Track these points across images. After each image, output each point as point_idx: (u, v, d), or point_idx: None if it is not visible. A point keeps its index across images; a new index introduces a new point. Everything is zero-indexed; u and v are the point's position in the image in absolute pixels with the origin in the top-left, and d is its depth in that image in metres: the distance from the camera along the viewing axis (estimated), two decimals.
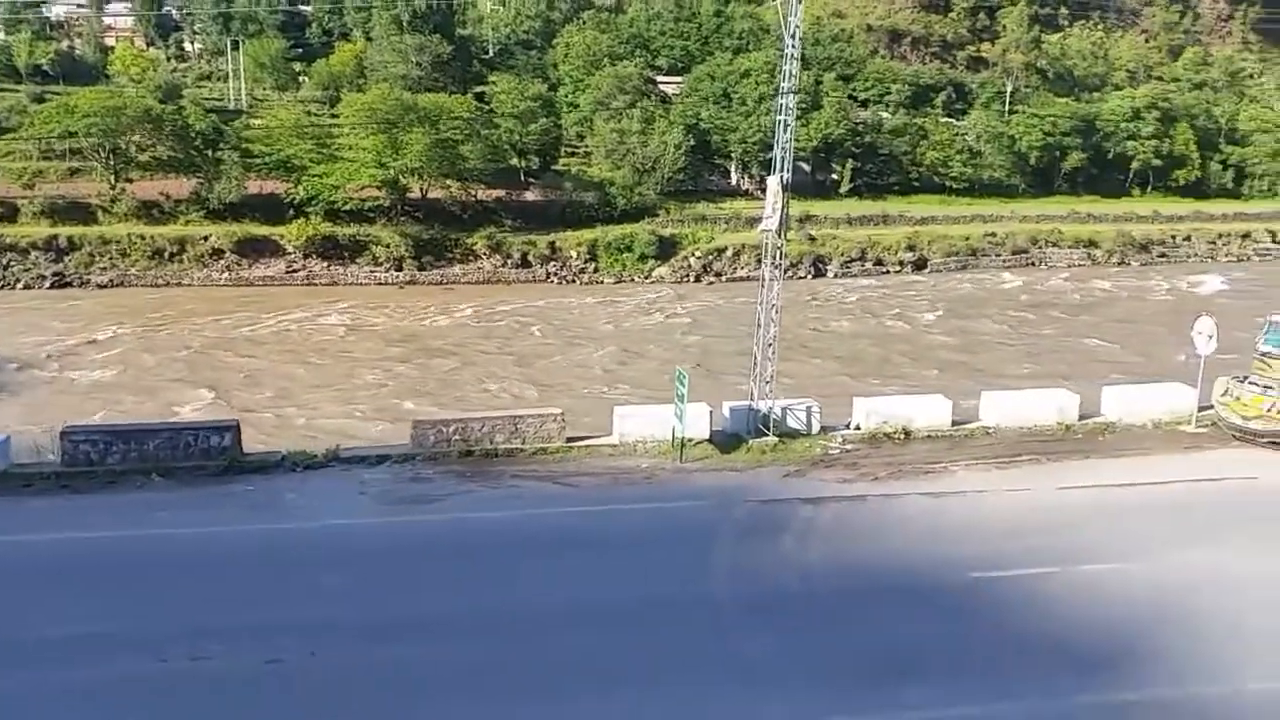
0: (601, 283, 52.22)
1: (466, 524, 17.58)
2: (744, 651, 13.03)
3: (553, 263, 53.34)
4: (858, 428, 22.09)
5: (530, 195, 57.88)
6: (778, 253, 21.98)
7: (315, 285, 48.60)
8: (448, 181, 53.70)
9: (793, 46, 20.82)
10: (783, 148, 21.10)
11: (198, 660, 12.58)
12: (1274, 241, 61.86)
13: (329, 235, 50.21)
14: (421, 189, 53.64)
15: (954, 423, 22.56)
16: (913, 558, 15.88)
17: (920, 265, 55.42)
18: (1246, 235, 62.03)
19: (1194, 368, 23.26)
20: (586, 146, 64.18)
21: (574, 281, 52.44)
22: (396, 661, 12.70)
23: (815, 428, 21.89)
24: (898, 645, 13.18)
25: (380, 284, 49.87)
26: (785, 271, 21.76)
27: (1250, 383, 21.54)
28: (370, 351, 36.62)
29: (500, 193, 56.43)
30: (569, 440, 21.55)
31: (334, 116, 56.50)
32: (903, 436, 21.77)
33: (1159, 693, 11.90)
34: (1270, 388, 21.01)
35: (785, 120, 21.07)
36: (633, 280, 52.57)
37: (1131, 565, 15.49)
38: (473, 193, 54.92)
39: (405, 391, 31.44)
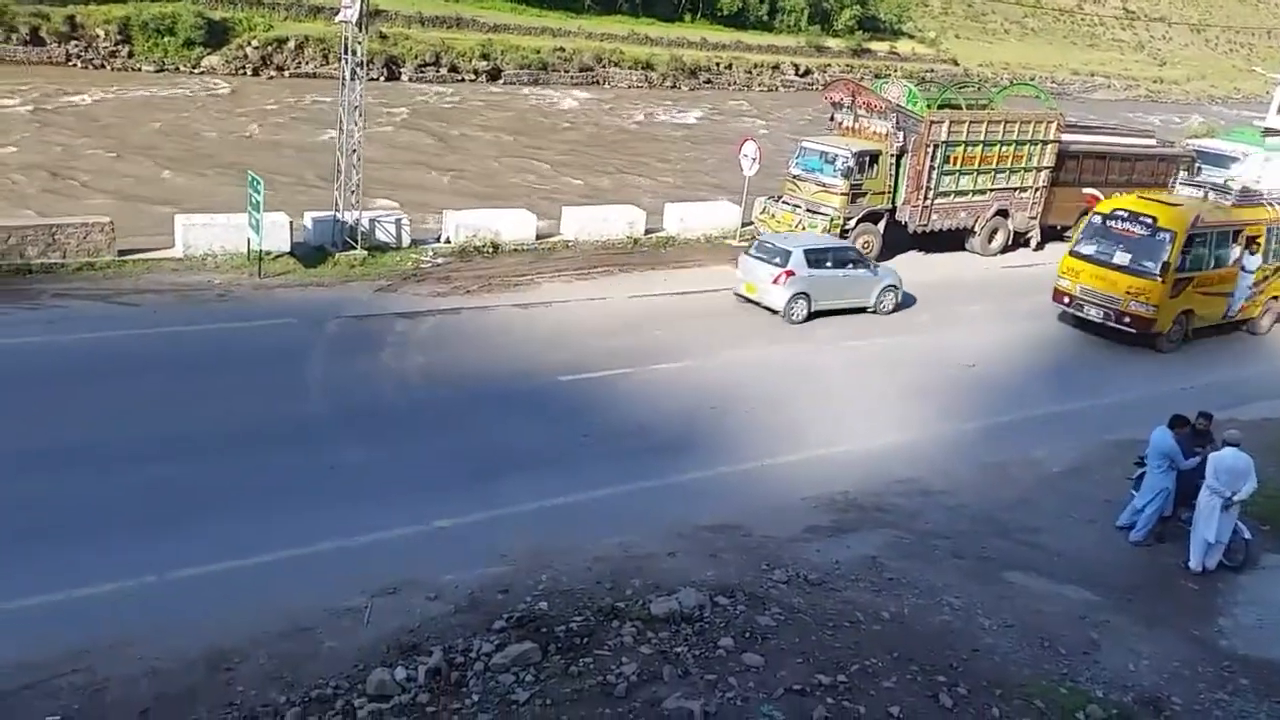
0: (139, 70, 45.32)
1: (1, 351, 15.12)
2: (348, 464, 12.97)
3: (74, 42, 45.03)
4: (448, 241, 22.07)
5: None
6: (359, 48, 20.55)
7: None
8: None
9: None
10: None
11: None
12: (797, 74, 69.76)
13: None
14: None
15: (538, 236, 23.40)
16: (506, 366, 16.58)
17: (495, 75, 54.98)
18: (776, 67, 69.21)
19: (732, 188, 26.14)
20: None
21: (103, 67, 44.91)
22: None
23: (406, 241, 21.51)
24: (498, 447, 13.88)
25: None
26: (354, 72, 20.40)
27: (783, 202, 24.71)
28: None
29: None
30: (121, 254, 19.13)
31: None
32: (492, 250, 22.18)
33: (719, 470, 13.88)
34: (799, 206, 24.28)
35: None
36: (177, 70, 46.26)
37: (694, 362, 17.57)
38: None
39: None
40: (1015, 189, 26.44)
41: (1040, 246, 27.61)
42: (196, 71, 46.56)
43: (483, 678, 8.54)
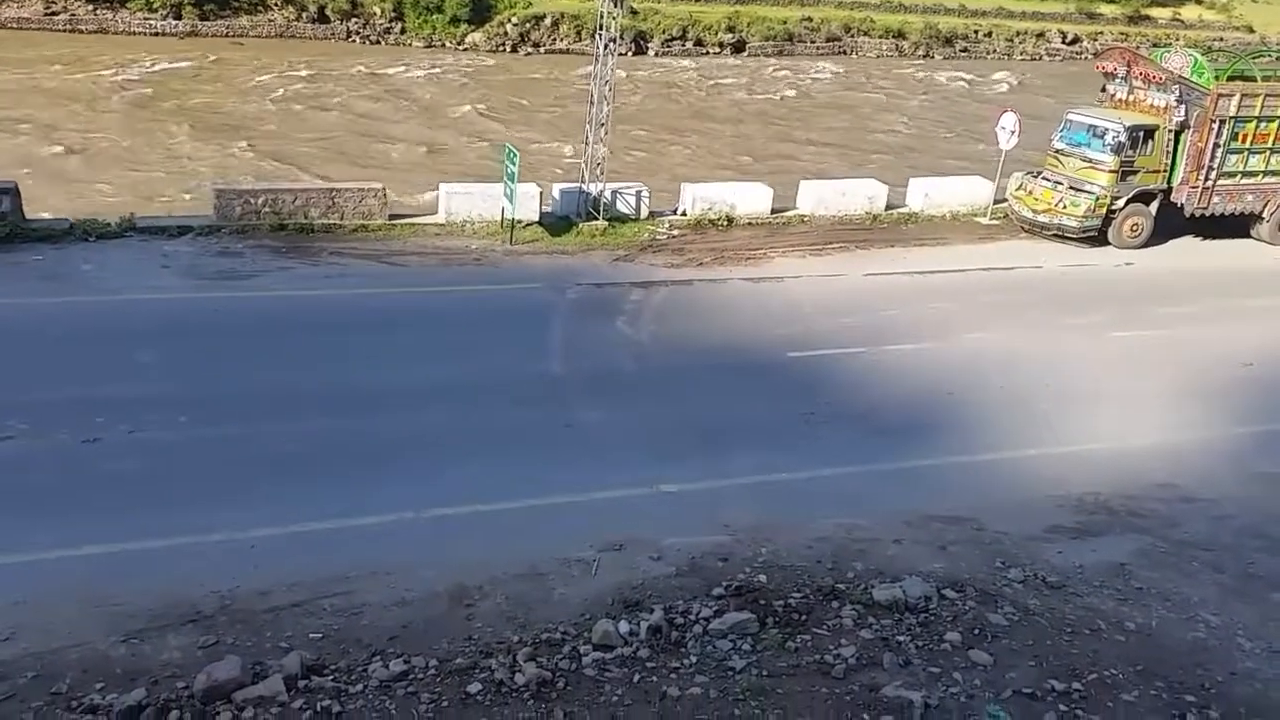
0: (410, 46, 48.71)
1: (287, 301, 16.87)
2: (583, 423, 13.56)
3: (354, 20, 49.05)
4: (684, 213, 22.38)
5: None
6: (612, 23, 21.13)
7: (80, 32, 42.83)
8: None
9: None
10: None
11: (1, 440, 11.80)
12: (1064, 42, 64.93)
13: None
14: None
15: (773, 210, 23.24)
16: (736, 339, 16.67)
17: (739, 48, 54.80)
18: (1041, 34, 64.70)
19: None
20: None
21: (379, 42, 48.61)
22: (225, 439, 12.38)
23: (644, 212, 22.01)
24: (723, 418, 14.03)
25: (156, 34, 44.50)
26: (607, 47, 20.95)
27: (1043, 178, 23.19)
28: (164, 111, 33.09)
29: None
30: (392, 217, 20.76)
31: None
32: (726, 223, 22.28)
33: (953, 459, 13.35)
34: (1060, 183, 22.71)
35: None
36: (444, 45, 49.28)
37: (931, 345, 16.94)
38: None
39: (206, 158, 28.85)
40: None
41: None
42: (461, 48, 49.42)
43: (701, 641, 8.69)
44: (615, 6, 20.98)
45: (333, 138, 31.36)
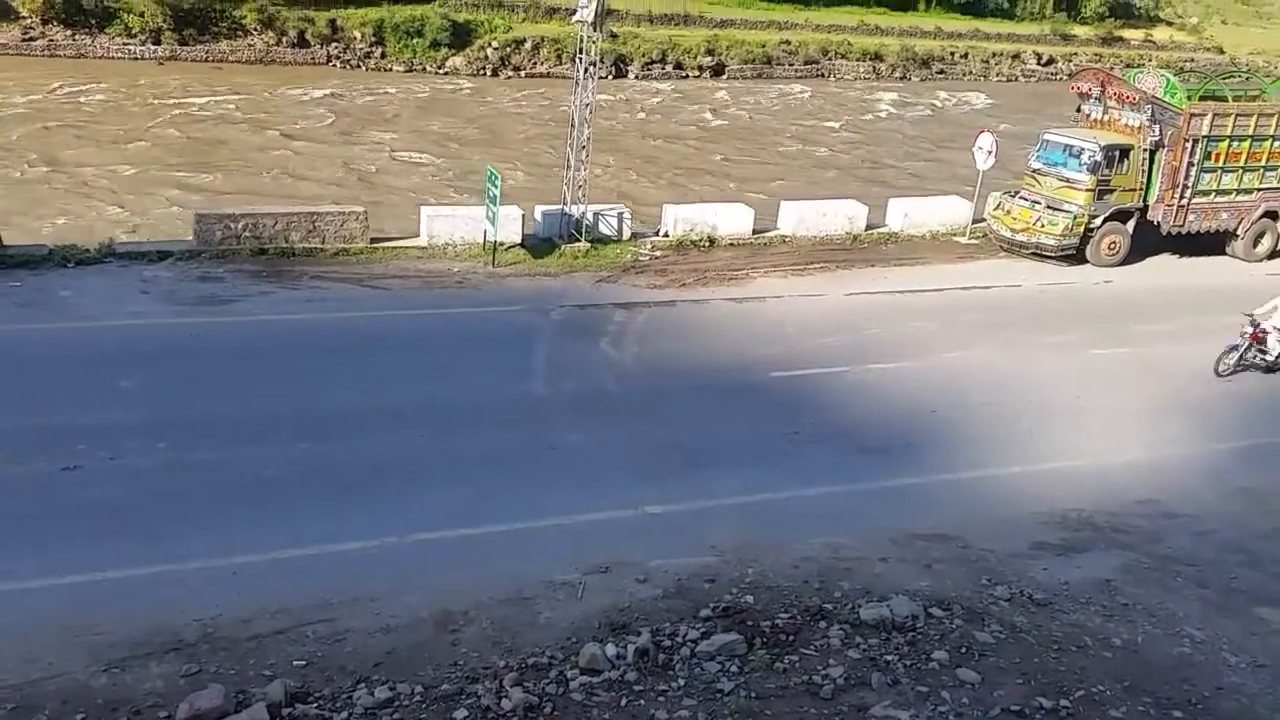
0: (390, 70, 48.80)
1: (268, 326, 16.79)
2: (567, 445, 13.52)
3: (334, 44, 49.08)
4: (666, 235, 22.47)
5: None
6: (592, 47, 21.26)
7: (59, 57, 42.64)
8: None
9: None
10: None
11: None
12: (1039, 64, 65.85)
13: None
14: None
15: (755, 231, 23.37)
16: (718, 360, 16.70)
17: (719, 71, 55.20)
18: (1016, 56, 65.59)
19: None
20: None
21: (359, 67, 48.66)
22: (205, 465, 12.26)
23: (626, 234, 22.08)
24: (707, 439, 14.02)
25: (135, 59, 44.36)
26: (587, 70, 21.08)
27: (1021, 197, 23.45)
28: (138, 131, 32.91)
29: None
30: (373, 241, 20.72)
31: None
32: (708, 244, 22.38)
33: (937, 477, 13.40)
34: (1038, 202, 22.96)
35: None
36: (424, 70, 49.40)
37: (913, 364, 17.03)
38: None
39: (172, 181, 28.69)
40: None
41: None
42: (441, 72, 49.55)
43: (688, 663, 8.65)
44: (595, 30, 21.09)
45: (257, 164, 30.90)
